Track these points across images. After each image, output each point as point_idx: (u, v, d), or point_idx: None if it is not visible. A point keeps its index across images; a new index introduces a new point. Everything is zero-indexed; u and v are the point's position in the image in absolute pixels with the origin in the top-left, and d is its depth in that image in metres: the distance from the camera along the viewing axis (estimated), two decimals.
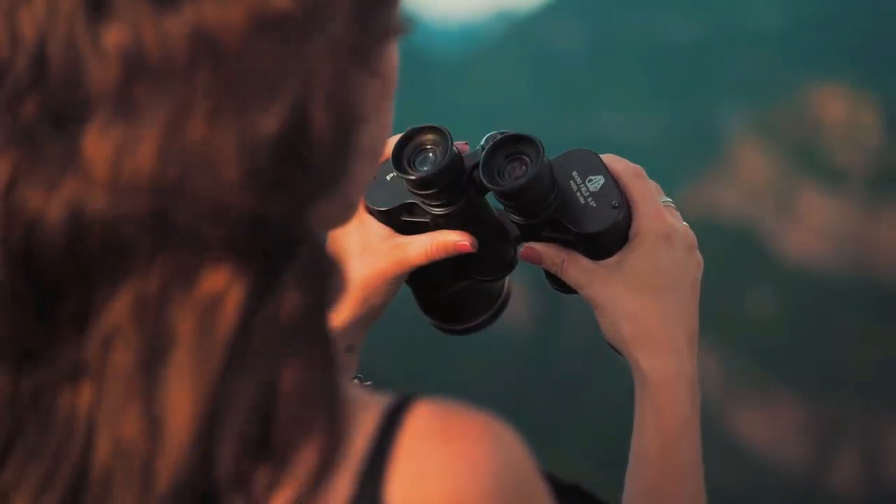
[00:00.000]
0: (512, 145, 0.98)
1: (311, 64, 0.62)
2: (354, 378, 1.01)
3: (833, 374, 19.56)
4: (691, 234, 0.99)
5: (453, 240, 0.98)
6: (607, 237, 0.97)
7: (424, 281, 1.04)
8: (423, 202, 1.00)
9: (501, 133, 1.00)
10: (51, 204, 0.61)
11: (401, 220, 1.01)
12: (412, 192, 0.99)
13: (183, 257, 0.60)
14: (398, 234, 1.00)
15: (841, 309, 20.38)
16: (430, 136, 0.99)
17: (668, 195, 1.01)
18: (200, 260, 0.60)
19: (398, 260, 0.98)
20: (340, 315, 0.98)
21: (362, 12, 0.66)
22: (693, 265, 0.99)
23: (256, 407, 0.60)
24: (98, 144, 0.60)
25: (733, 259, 21.27)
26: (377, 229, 1.02)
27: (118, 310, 0.60)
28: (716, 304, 20.46)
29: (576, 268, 0.97)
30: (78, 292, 0.61)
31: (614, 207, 0.97)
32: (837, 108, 22.58)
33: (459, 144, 1.03)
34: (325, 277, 0.64)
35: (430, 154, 0.98)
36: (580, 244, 0.98)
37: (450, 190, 0.98)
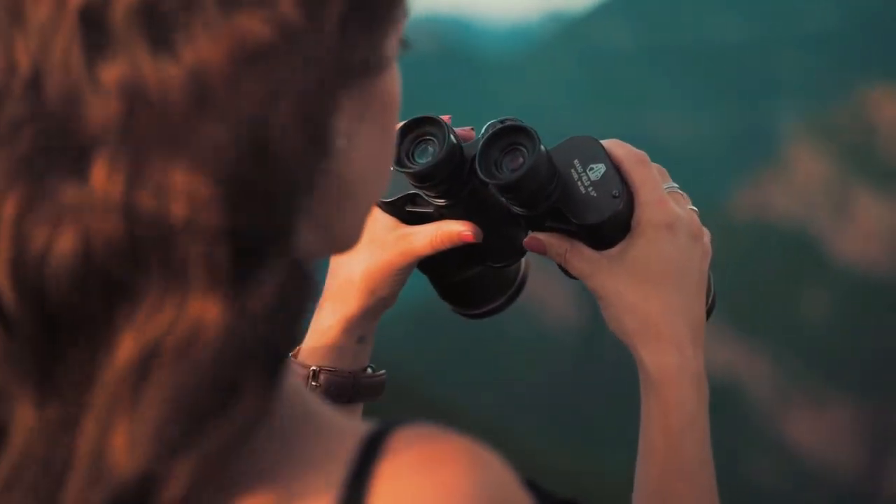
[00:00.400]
0: (508, 136, 0.96)
1: (291, 87, 0.62)
2: (367, 368, 1.02)
3: (887, 376, 19.28)
4: (696, 221, 0.97)
5: (457, 230, 0.97)
6: (608, 228, 0.95)
7: (437, 268, 1.03)
8: (424, 194, 0.99)
9: (501, 121, 0.98)
10: (61, 238, 0.61)
11: (405, 211, 1.00)
12: (412, 184, 0.99)
13: (178, 283, 0.61)
14: (403, 225, 0.99)
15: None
16: (428, 128, 0.97)
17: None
18: (190, 284, 0.61)
19: (404, 251, 0.98)
20: (349, 307, 0.99)
21: (352, 38, 0.65)
22: (697, 254, 0.96)
23: (220, 431, 0.61)
24: (110, 179, 0.60)
25: (787, 261, 21.01)
26: (383, 220, 1.02)
27: (125, 344, 0.61)
28: (769, 306, 20.21)
29: (579, 258, 0.95)
30: (86, 325, 0.62)
31: (614, 197, 0.94)
32: (893, 109, 22.24)
33: (464, 130, 1.01)
34: (302, 299, 0.65)
35: (430, 146, 0.97)
36: (582, 234, 0.96)
37: (450, 181, 0.97)
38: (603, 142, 0.98)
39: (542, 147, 0.95)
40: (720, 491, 0.96)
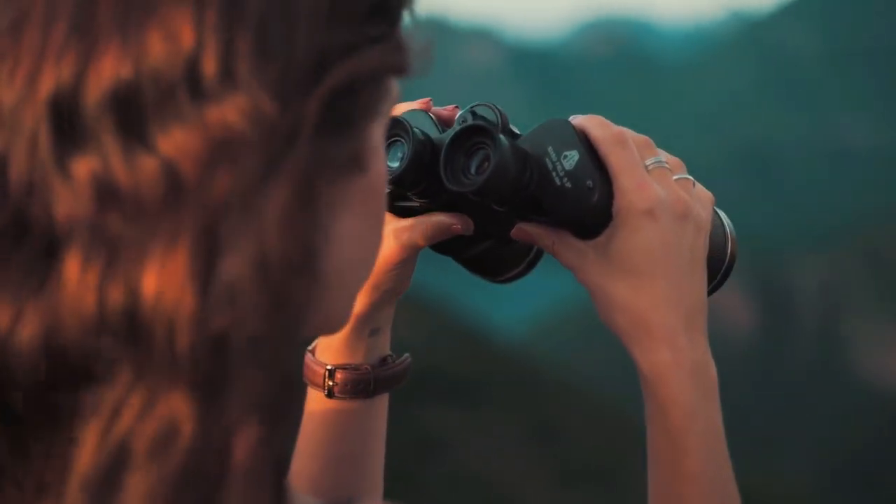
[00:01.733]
0: (468, 139, 0.92)
1: (271, 190, 0.61)
2: (386, 359, 1.00)
3: None
4: (681, 200, 0.90)
5: (448, 223, 0.95)
6: (588, 220, 0.91)
7: (447, 250, 1.01)
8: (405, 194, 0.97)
9: (472, 108, 0.95)
10: (22, 326, 0.60)
11: (396, 206, 0.97)
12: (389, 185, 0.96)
13: (146, 383, 0.60)
14: (397, 218, 0.97)
15: None
16: (395, 130, 0.95)
17: None
18: (161, 385, 0.60)
19: (399, 246, 0.96)
20: (357, 306, 0.96)
21: (332, 130, 0.64)
22: (687, 235, 0.90)
23: None
24: (83, 273, 0.59)
25: None
26: None
27: (90, 441, 0.60)
28: None
29: (567, 249, 0.92)
30: (50, 420, 0.61)
31: (589, 189, 0.90)
32: None
33: (448, 110, 0.98)
34: (283, 407, 0.62)
35: (399, 151, 0.95)
36: (565, 226, 0.93)
37: (427, 181, 0.94)
38: (579, 119, 0.93)
39: (504, 142, 0.91)
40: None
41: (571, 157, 0.91)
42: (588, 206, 0.90)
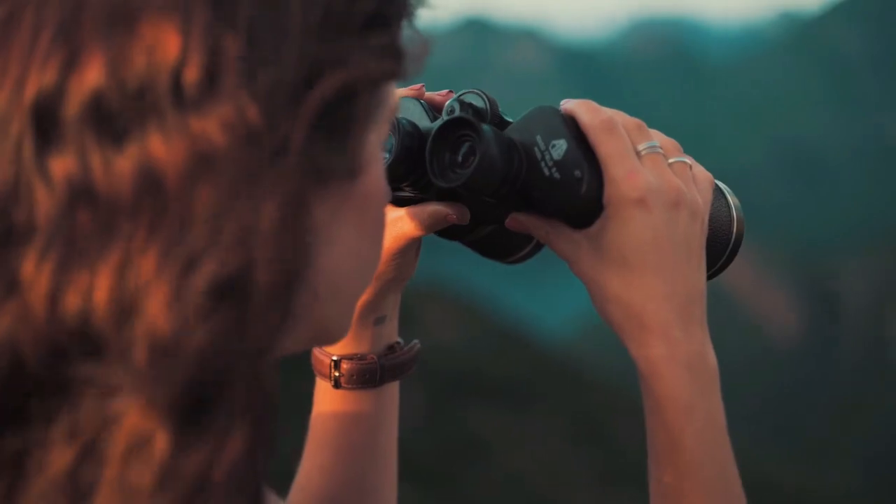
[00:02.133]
0: (452, 132, 0.89)
1: (256, 202, 0.60)
2: (393, 345, 0.99)
3: None
4: (673, 187, 0.87)
5: (444, 212, 0.94)
6: (577, 211, 0.88)
7: (451, 235, 0.99)
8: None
9: (459, 97, 0.92)
10: None
11: (394, 196, 0.94)
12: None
13: (111, 395, 0.59)
14: (395, 208, 0.96)
15: None
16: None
17: None
18: (129, 398, 0.59)
19: (397, 235, 0.95)
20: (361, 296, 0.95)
21: (323, 141, 0.63)
22: (681, 223, 0.87)
23: None
24: (36, 273, 0.59)
25: None
26: None
27: (54, 447, 0.59)
28: None
29: (561, 239, 0.90)
30: (12, 423, 0.60)
31: (578, 179, 0.87)
32: None
33: (441, 95, 0.96)
34: (261, 425, 0.62)
35: (387, 144, 0.92)
36: (555, 216, 0.90)
37: (417, 173, 0.92)
38: (569, 105, 0.90)
39: (489, 133, 0.89)
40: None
41: (560, 147, 0.88)
42: (577, 198, 0.88)
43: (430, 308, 11.24)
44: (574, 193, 0.88)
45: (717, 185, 0.95)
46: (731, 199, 0.96)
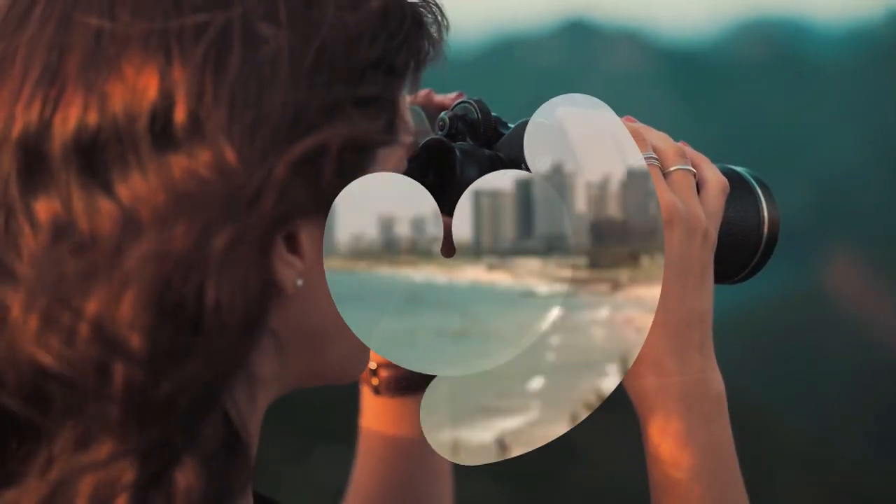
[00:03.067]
0: (428, 164, 0.84)
1: (230, 242, 0.61)
2: None
3: None
4: (664, 203, 0.79)
5: None
6: None
7: None
8: None
9: (453, 109, 0.87)
10: None
11: None
12: None
13: (86, 429, 0.60)
14: None
15: None
16: None
17: None
18: (99, 432, 0.60)
19: None
20: None
21: (305, 179, 0.64)
22: (674, 243, 0.79)
23: None
24: (24, 312, 0.60)
25: None
26: None
27: (30, 477, 0.60)
28: None
29: None
30: None
31: None
32: None
33: (450, 98, 0.92)
34: (229, 463, 0.62)
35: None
36: None
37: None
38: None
39: (461, 161, 0.84)
40: None
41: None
42: None
43: None
44: None
45: (749, 183, 0.90)
46: (765, 199, 0.90)
